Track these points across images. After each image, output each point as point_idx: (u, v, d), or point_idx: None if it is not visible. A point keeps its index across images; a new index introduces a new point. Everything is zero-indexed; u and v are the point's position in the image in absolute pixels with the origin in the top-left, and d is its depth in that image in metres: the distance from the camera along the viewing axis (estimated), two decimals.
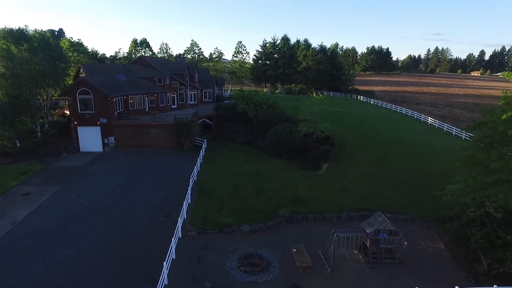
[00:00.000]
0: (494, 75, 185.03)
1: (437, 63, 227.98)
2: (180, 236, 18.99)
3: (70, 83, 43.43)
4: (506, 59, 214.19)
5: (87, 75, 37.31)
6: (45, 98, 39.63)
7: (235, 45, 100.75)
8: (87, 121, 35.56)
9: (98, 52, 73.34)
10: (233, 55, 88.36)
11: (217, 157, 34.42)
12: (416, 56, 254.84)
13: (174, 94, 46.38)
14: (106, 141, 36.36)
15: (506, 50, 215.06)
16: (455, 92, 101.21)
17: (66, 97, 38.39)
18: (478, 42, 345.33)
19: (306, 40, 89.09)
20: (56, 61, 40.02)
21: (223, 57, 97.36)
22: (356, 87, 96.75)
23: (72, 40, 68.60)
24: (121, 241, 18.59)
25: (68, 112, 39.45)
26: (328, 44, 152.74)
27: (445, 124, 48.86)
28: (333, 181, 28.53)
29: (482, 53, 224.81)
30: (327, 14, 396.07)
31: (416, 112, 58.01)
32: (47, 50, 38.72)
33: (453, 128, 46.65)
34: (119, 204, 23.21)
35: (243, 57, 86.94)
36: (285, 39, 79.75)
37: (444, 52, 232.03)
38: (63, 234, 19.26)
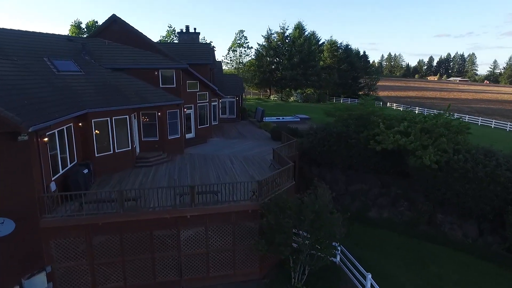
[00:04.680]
0: (448, 80, 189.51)
1: (390, 68, 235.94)
2: None
3: None
4: (452, 65, 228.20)
5: None
6: None
7: (234, 36, 74.27)
8: None
9: None
10: (230, 48, 61.97)
11: None
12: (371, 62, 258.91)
13: (191, 108, 20.61)
14: None
15: (451, 57, 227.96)
16: (487, 97, 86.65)
17: None
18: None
19: (314, 33, 65.19)
20: None
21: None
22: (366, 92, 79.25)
23: None
24: None
25: None
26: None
27: None
28: None
29: (431, 59, 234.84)
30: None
31: (508, 123, 38.84)
32: None
33: None
34: None
35: (245, 52, 61.42)
36: (300, 28, 56.57)
37: (397, 58, 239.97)
38: None
